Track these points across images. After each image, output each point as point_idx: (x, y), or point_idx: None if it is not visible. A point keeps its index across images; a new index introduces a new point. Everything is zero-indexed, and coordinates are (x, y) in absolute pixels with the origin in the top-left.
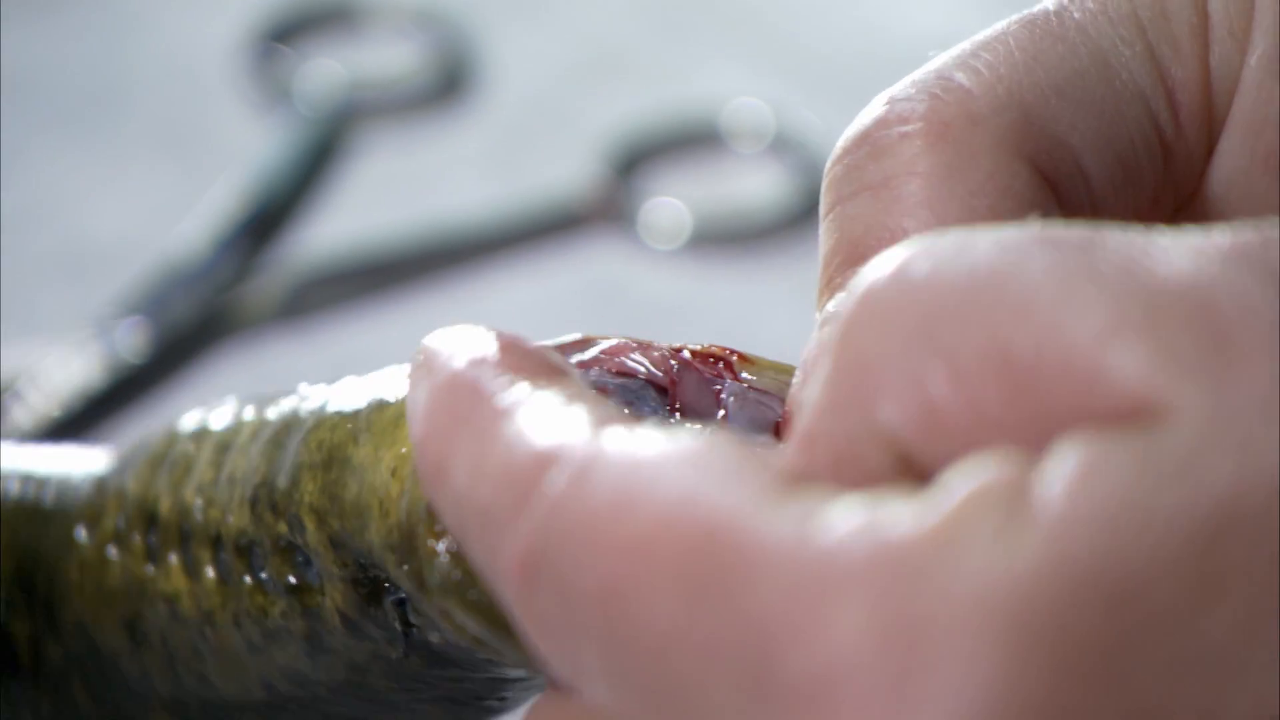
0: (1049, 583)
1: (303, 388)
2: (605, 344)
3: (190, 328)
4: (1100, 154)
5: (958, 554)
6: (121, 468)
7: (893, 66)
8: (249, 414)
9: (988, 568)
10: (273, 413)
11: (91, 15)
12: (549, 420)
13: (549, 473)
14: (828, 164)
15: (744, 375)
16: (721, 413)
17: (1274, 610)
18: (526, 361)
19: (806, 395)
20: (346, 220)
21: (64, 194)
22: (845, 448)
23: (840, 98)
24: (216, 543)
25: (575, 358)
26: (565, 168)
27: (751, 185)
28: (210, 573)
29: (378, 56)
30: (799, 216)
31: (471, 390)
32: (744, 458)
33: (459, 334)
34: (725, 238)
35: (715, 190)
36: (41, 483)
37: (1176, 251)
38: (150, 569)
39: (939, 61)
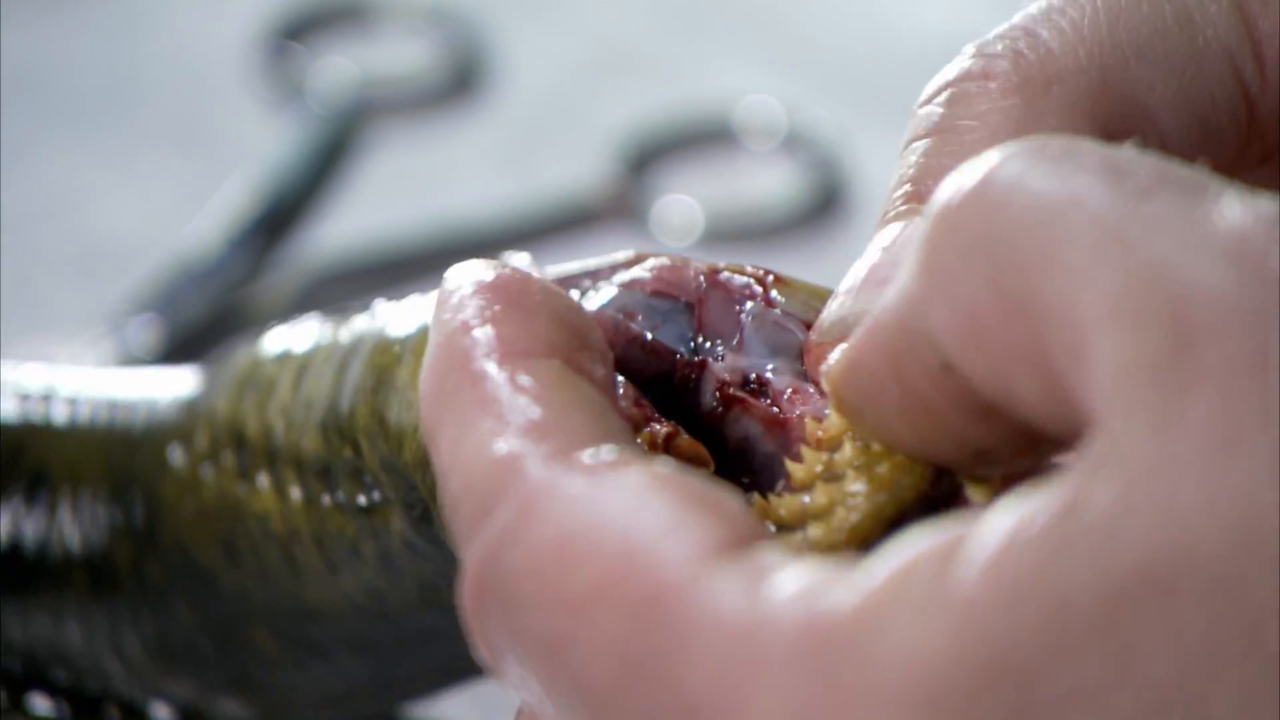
0: (959, 665)
1: (377, 305)
2: (651, 262)
3: (202, 325)
4: (1178, 113)
5: (879, 634)
6: (208, 389)
7: (905, 64)
8: (326, 334)
9: (904, 648)
10: (345, 334)
11: (103, 13)
12: (512, 434)
13: (498, 505)
14: (915, 106)
15: (775, 296)
16: (737, 337)
17: (1183, 683)
18: (524, 329)
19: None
20: (359, 217)
21: (76, 192)
22: (904, 346)
23: (852, 95)
24: (299, 465)
25: (617, 277)
26: (578, 165)
27: (764, 182)
28: (296, 494)
29: (390, 54)
30: (811, 214)
31: (461, 366)
32: (689, 508)
33: (473, 274)
34: (738, 235)
35: (727, 187)
36: (130, 406)
37: (1207, 229)
38: (242, 489)
39: (1027, 15)
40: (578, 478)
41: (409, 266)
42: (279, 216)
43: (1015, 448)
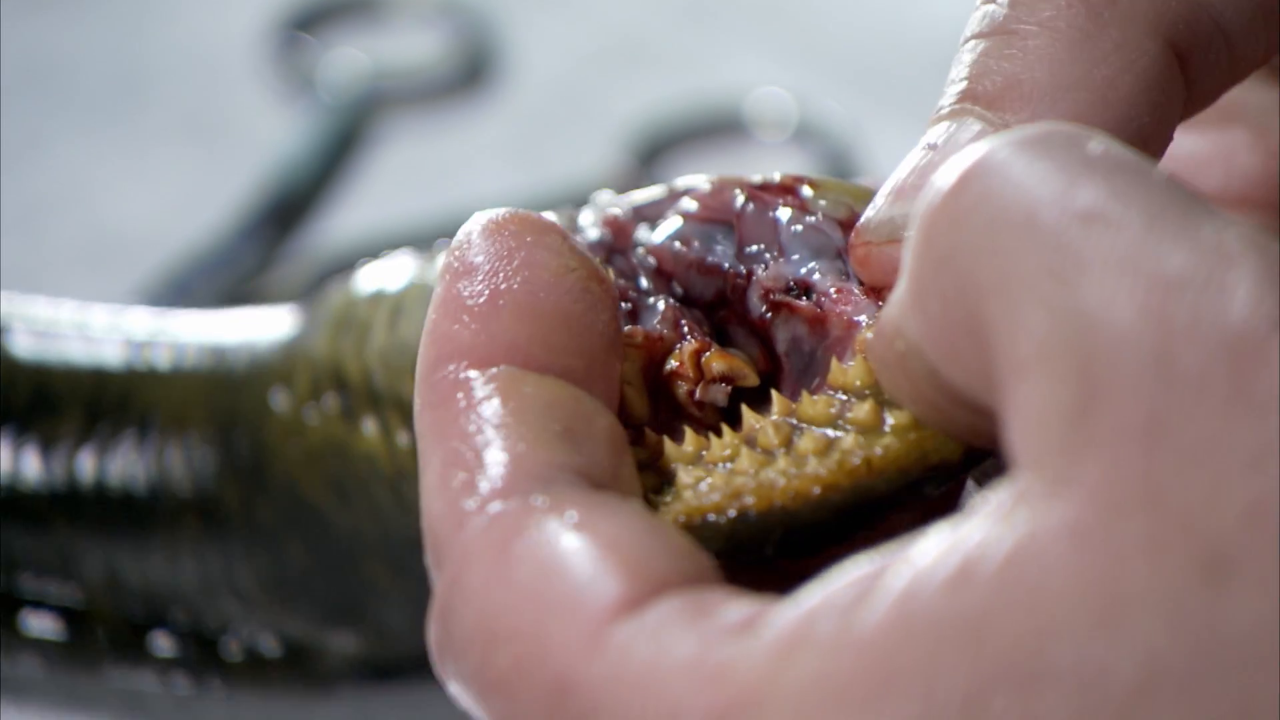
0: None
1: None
2: (698, 187)
3: None
4: (1243, 14)
5: (780, 691)
6: (305, 330)
7: (916, 55)
8: (416, 272)
9: (807, 695)
10: (433, 272)
11: (113, 4)
12: (459, 479)
13: (443, 561)
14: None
15: (806, 195)
16: (777, 245)
17: None
18: (518, 328)
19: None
20: (369, 209)
21: (87, 183)
22: (902, 349)
23: (863, 87)
24: (401, 408)
25: (677, 205)
26: (588, 157)
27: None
28: (403, 438)
29: (401, 45)
30: None
31: (446, 374)
32: (590, 571)
33: (482, 244)
34: None
35: None
36: (231, 349)
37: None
38: (348, 432)
39: None
40: (492, 552)
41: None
42: (289, 208)
43: None
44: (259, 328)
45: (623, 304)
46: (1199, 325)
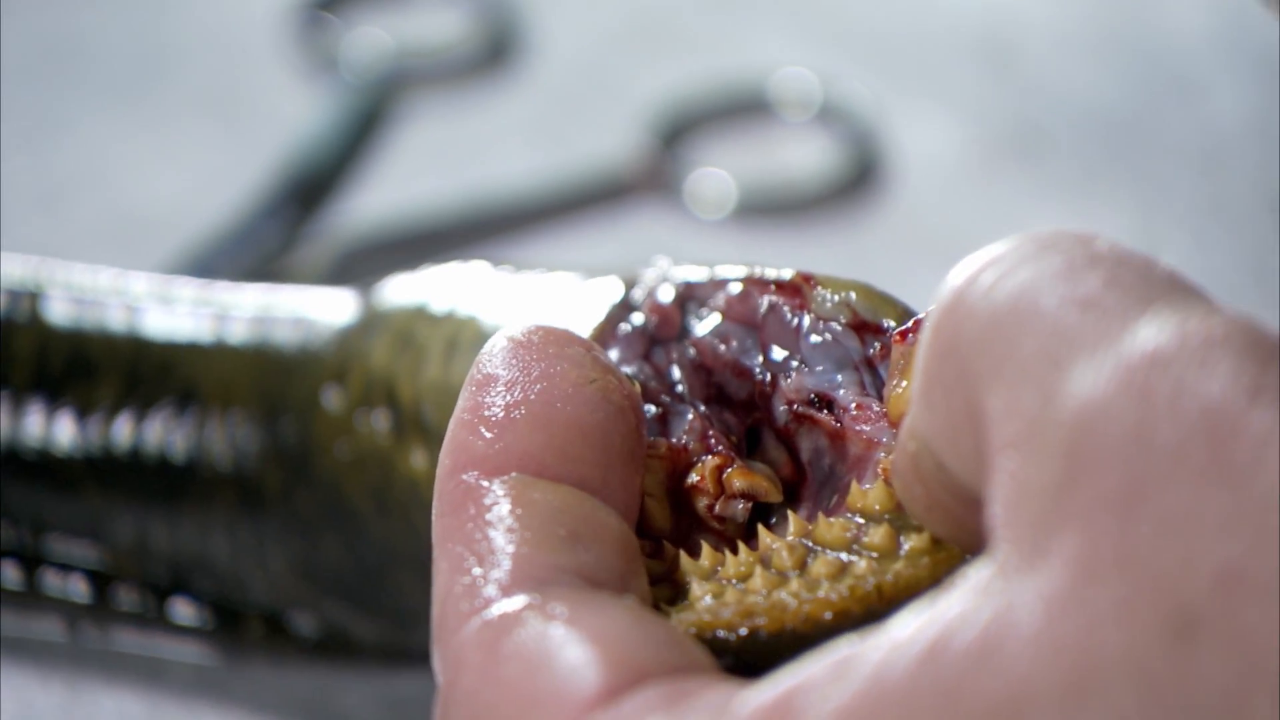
0: None
1: (522, 277)
2: (729, 287)
3: None
4: None
5: None
6: (362, 329)
7: (941, 36)
8: (476, 302)
9: None
10: (489, 318)
11: None
12: (461, 584)
13: (442, 655)
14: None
15: (811, 304)
16: (797, 360)
17: None
18: (534, 440)
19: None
20: (392, 189)
21: (111, 163)
22: (916, 448)
23: (888, 68)
24: None
25: (721, 295)
26: (611, 137)
27: (798, 155)
28: None
29: (424, 24)
30: (847, 187)
31: (461, 499)
32: (570, 666)
33: (504, 357)
34: (771, 208)
35: (762, 160)
36: (278, 330)
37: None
38: (395, 449)
39: None
40: (482, 653)
41: (442, 238)
42: (313, 187)
43: None
44: (310, 311)
45: (653, 407)
46: (1179, 399)
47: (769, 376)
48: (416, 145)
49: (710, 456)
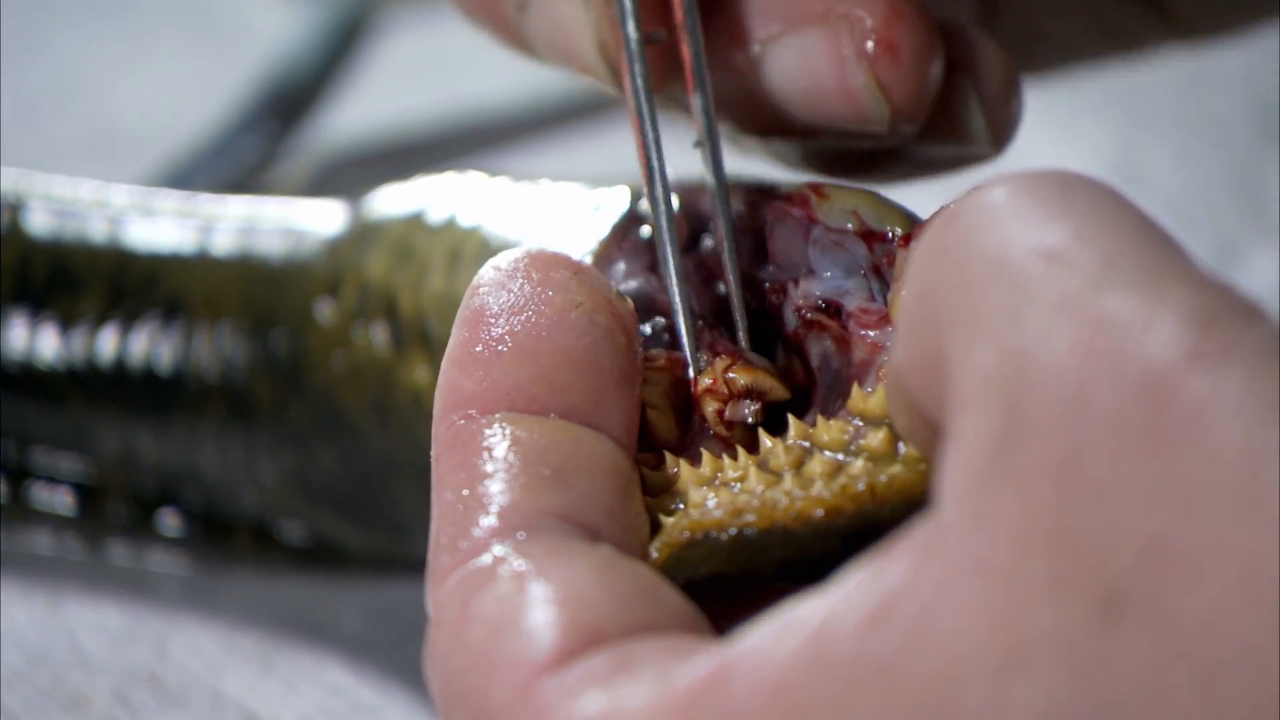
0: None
1: (523, 187)
2: (741, 200)
3: None
4: None
5: None
6: (357, 237)
7: None
8: (479, 212)
9: None
10: (493, 226)
11: None
12: (447, 536)
13: (431, 606)
14: None
15: (819, 214)
16: (806, 263)
17: None
18: (526, 374)
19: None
20: (374, 102)
21: (89, 77)
22: (895, 382)
23: None
24: None
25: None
26: None
27: None
28: None
29: None
30: None
31: (451, 442)
32: (529, 624)
33: (490, 289)
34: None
35: None
36: (264, 241)
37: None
38: (395, 360)
39: None
40: (455, 613)
41: (425, 151)
42: (293, 101)
43: None
44: (298, 222)
45: (659, 320)
46: (1120, 362)
47: (779, 285)
48: (398, 58)
49: (718, 358)
